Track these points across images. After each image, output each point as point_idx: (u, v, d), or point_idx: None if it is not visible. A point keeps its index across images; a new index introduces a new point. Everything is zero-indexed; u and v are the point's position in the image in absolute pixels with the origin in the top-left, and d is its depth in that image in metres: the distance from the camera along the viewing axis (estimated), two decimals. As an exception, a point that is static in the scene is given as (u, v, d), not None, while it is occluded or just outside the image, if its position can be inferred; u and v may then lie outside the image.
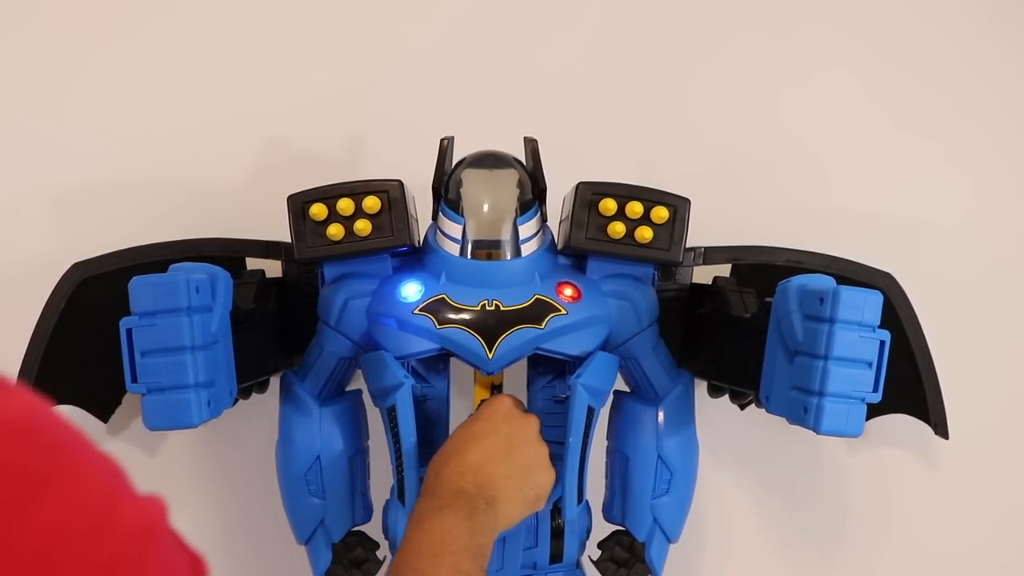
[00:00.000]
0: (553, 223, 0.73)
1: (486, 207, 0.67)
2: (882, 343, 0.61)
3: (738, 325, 0.70)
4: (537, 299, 0.66)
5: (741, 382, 0.71)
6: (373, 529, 0.77)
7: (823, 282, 0.63)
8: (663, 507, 0.74)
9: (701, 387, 0.78)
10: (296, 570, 0.79)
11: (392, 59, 0.90)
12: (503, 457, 0.63)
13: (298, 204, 0.68)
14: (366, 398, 0.76)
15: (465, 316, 0.66)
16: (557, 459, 0.67)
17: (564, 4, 0.91)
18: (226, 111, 0.89)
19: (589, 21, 0.91)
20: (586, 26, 0.91)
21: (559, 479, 0.67)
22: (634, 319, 0.71)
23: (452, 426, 0.77)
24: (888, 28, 0.91)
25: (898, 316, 0.74)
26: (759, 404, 0.68)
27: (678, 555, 0.77)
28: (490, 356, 0.65)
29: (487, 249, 0.67)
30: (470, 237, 0.67)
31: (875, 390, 0.61)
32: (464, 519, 0.57)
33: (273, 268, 0.76)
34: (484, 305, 0.66)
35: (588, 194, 0.69)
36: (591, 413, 0.67)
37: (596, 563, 0.76)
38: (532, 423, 0.66)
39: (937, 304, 0.80)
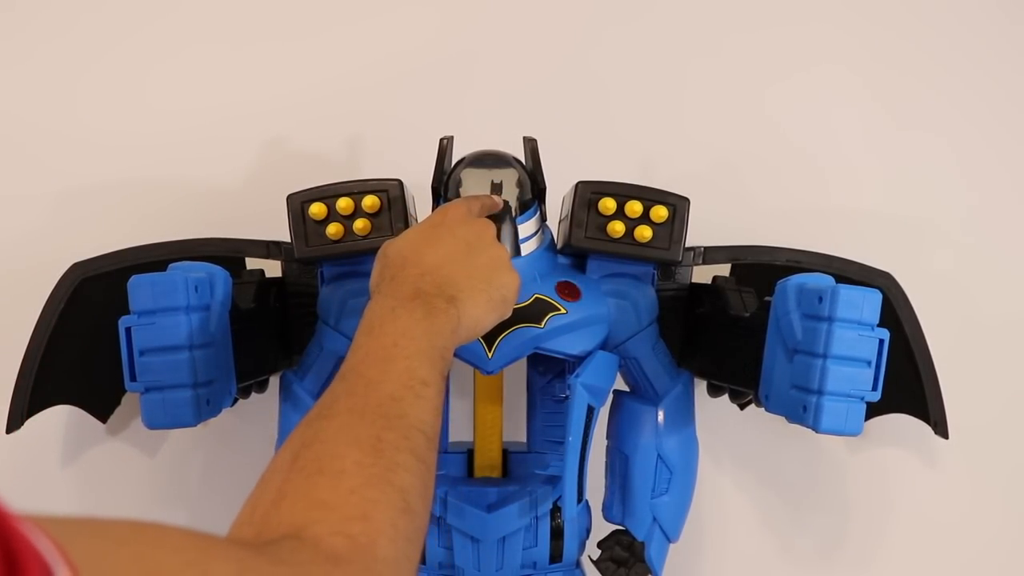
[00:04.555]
0: (552, 222, 0.74)
1: (486, 206, 0.67)
2: (881, 341, 0.61)
3: (737, 324, 0.70)
4: (536, 298, 0.66)
5: (740, 381, 0.71)
6: (372, 529, 0.76)
7: (822, 281, 0.63)
8: (663, 506, 0.74)
9: (701, 387, 0.78)
10: (295, 570, 0.78)
11: (392, 58, 0.90)
12: (463, 258, 0.56)
13: (297, 203, 0.68)
14: (365, 398, 0.76)
15: (464, 315, 0.66)
16: (557, 458, 0.67)
17: (563, 4, 0.92)
18: (226, 111, 0.89)
19: (588, 20, 0.91)
20: (585, 25, 0.91)
21: (560, 479, 0.67)
22: (633, 318, 0.71)
23: (451, 426, 0.78)
24: (888, 26, 0.92)
25: (898, 316, 0.73)
26: (759, 403, 0.68)
27: (678, 555, 0.77)
28: (489, 355, 0.65)
29: None
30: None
31: (874, 389, 0.61)
32: (421, 320, 0.50)
33: (273, 268, 0.76)
34: (483, 304, 0.66)
35: (587, 193, 0.69)
36: (591, 412, 0.67)
37: (596, 563, 0.76)
38: (488, 226, 0.60)
39: (937, 304, 0.80)
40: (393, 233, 0.67)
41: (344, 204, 0.67)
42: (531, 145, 0.70)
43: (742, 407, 0.80)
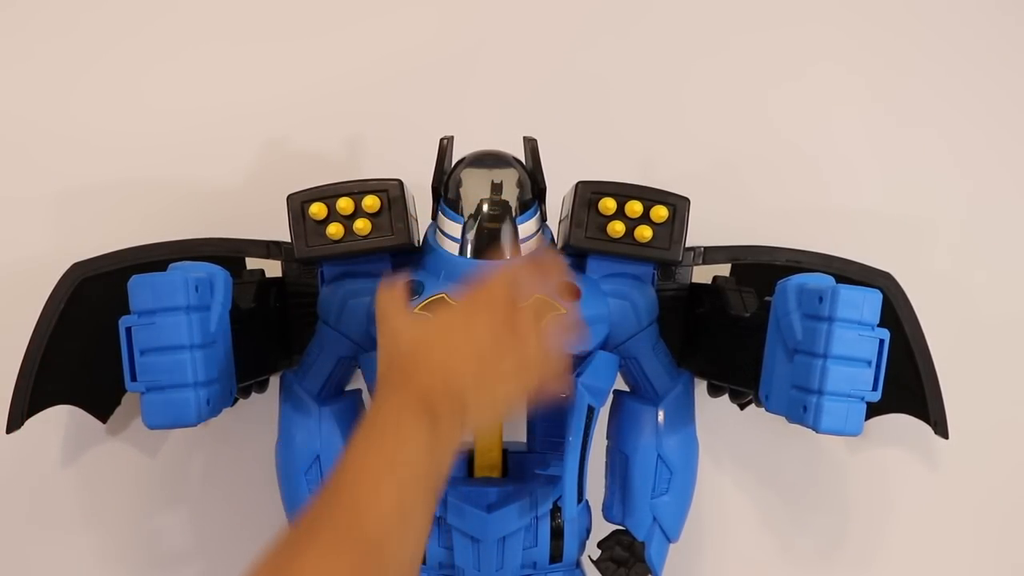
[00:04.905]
0: (553, 222, 0.74)
1: (486, 207, 0.67)
2: (881, 342, 0.61)
3: (737, 324, 0.70)
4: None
5: (741, 381, 0.71)
6: (373, 529, 0.76)
7: (822, 281, 0.63)
8: (663, 506, 0.74)
9: (701, 387, 0.78)
10: (296, 570, 0.78)
11: (392, 58, 0.90)
12: (479, 363, 0.52)
13: (297, 203, 0.68)
14: (366, 398, 0.76)
15: (464, 315, 0.65)
16: (557, 458, 0.67)
17: (563, 4, 0.92)
18: (226, 110, 0.89)
19: (589, 19, 0.91)
20: (586, 24, 0.91)
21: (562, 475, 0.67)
22: (634, 318, 0.71)
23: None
24: (888, 26, 0.92)
25: (898, 316, 0.73)
26: (759, 403, 0.68)
27: (678, 555, 0.77)
28: (490, 355, 0.65)
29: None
30: (470, 237, 0.67)
31: (874, 389, 0.61)
32: (426, 435, 0.48)
33: (273, 268, 0.76)
34: (483, 304, 0.66)
35: (587, 193, 0.69)
36: (591, 412, 0.67)
37: (596, 563, 0.76)
38: (522, 319, 0.54)
39: (937, 304, 0.80)
40: (393, 233, 0.67)
41: (344, 204, 0.67)
42: (531, 145, 0.70)
43: (742, 407, 0.80)
